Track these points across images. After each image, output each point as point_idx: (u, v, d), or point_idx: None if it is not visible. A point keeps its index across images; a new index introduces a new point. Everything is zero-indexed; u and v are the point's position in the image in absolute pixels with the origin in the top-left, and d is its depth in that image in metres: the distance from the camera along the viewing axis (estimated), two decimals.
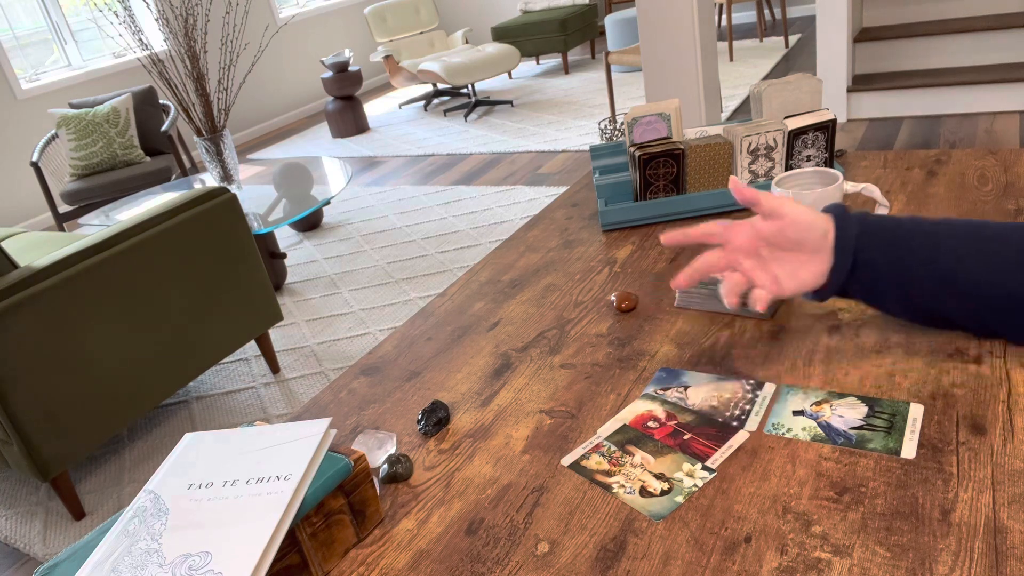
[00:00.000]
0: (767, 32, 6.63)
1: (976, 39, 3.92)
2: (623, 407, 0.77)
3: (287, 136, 6.46)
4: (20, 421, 1.91)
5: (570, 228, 1.23)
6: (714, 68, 3.13)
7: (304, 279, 3.50)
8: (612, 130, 4.17)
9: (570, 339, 0.91)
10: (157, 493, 0.64)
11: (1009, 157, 1.13)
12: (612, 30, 6.21)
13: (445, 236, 3.65)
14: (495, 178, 4.38)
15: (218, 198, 2.36)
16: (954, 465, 0.61)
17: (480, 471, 0.72)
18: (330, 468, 0.64)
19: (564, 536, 0.63)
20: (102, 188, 4.14)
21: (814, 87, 1.14)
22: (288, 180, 3.48)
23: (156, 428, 2.56)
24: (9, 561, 2.08)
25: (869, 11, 4.35)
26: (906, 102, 3.94)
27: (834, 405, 0.71)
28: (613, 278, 1.03)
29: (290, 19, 6.90)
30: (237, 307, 2.44)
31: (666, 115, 1.16)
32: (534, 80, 6.67)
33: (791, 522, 0.59)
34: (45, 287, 1.94)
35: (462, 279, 1.13)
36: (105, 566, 0.58)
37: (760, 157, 1.13)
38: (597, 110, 5.32)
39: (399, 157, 5.21)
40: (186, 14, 5.41)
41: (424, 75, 5.69)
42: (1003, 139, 3.43)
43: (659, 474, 0.67)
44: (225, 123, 3.21)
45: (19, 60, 5.20)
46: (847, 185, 0.93)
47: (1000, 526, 0.55)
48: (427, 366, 0.92)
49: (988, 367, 0.71)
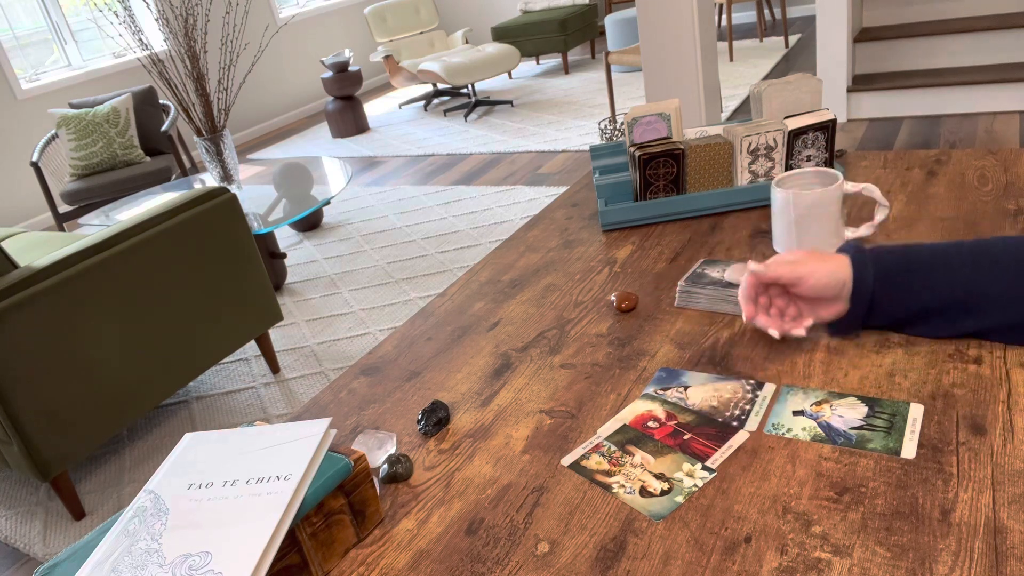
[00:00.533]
0: (767, 32, 6.63)
1: (976, 39, 3.92)
2: (623, 407, 0.77)
3: (287, 136, 6.46)
4: (20, 421, 1.91)
5: (570, 228, 1.23)
6: (714, 68, 3.13)
7: (304, 279, 3.50)
8: (612, 130, 4.17)
9: (570, 339, 0.91)
10: (157, 493, 0.64)
11: (1009, 157, 1.13)
12: (612, 30, 6.21)
13: (445, 236, 3.65)
14: (495, 178, 4.38)
15: (218, 198, 2.36)
16: (954, 465, 0.61)
17: (480, 471, 0.72)
18: (330, 468, 0.64)
19: (564, 536, 0.63)
20: (102, 188, 4.14)
21: (814, 87, 1.14)
22: (288, 180, 3.48)
23: (156, 428, 2.56)
24: (9, 561, 2.08)
25: (869, 11, 4.35)
26: (906, 102, 3.94)
27: (834, 405, 0.71)
28: (613, 278, 1.03)
29: (290, 19, 6.90)
30: (237, 307, 2.45)
31: (666, 115, 1.16)
32: (534, 80, 6.67)
33: (791, 522, 0.59)
34: (45, 287, 1.94)
35: (462, 279, 1.13)
36: (105, 566, 0.58)
37: (760, 157, 1.13)
38: (597, 110, 5.32)
39: (399, 157, 5.21)
40: (186, 14, 5.41)
41: (424, 75, 5.69)
42: (1003, 139, 3.43)
43: (659, 474, 0.67)
44: (225, 123, 3.21)
45: (19, 60, 5.20)
46: (847, 185, 0.93)
47: (1000, 526, 0.55)
48: (427, 366, 0.92)
49: (988, 367, 0.71)
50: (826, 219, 0.93)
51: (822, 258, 0.76)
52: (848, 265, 0.75)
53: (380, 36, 6.36)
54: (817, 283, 0.75)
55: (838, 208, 0.94)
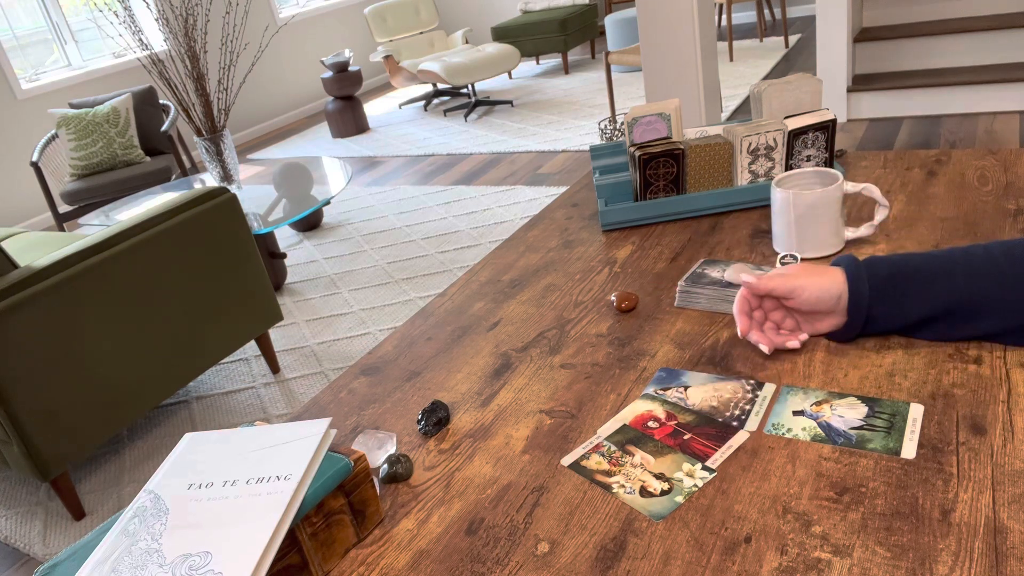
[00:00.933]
0: (767, 32, 6.63)
1: (976, 39, 3.92)
2: (623, 407, 0.77)
3: (287, 136, 6.46)
4: (20, 421, 1.91)
5: (570, 228, 1.23)
6: (714, 68, 3.13)
7: (304, 279, 3.50)
8: (612, 130, 4.17)
9: (570, 339, 0.91)
10: (157, 493, 0.64)
11: (1009, 157, 1.13)
12: (612, 30, 6.21)
13: (445, 236, 3.65)
14: (495, 178, 4.38)
15: (218, 198, 2.36)
16: (954, 465, 0.61)
17: (480, 471, 0.72)
18: (330, 468, 0.64)
19: (564, 536, 0.63)
20: (102, 188, 4.14)
21: (814, 87, 1.14)
22: (288, 180, 3.48)
23: (156, 428, 2.56)
24: (9, 561, 2.08)
25: (869, 11, 4.35)
26: (906, 102, 3.94)
27: (834, 405, 0.71)
28: (613, 278, 1.03)
29: (290, 19, 6.90)
30: (237, 307, 2.45)
31: (666, 115, 1.16)
32: (534, 80, 6.67)
33: (791, 522, 0.59)
34: (45, 287, 1.94)
35: (462, 279, 1.13)
36: (105, 566, 0.58)
37: (760, 157, 1.13)
38: (597, 110, 5.32)
39: (399, 157, 5.21)
40: (186, 14, 5.41)
41: (424, 75, 5.69)
42: (1003, 139, 3.43)
43: (659, 474, 0.67)
44: (225, 123, 3.21)
45: (19, 60, 5.20)
46: (847, 185, 0.93)
47: (1000, 526, 0.55)
48: (427, 366, 0.92)
49: (988, 367, 0.71)
50: (826, 219, 0.93)
51: (816, 272, 0.76)
52: (843, 278, 0.75)
53: (380, 36, 6.36)
54: (810, 296, 0.76)
55: (838, 208, 0.94)
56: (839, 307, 0.76)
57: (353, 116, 5.97)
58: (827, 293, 0.75)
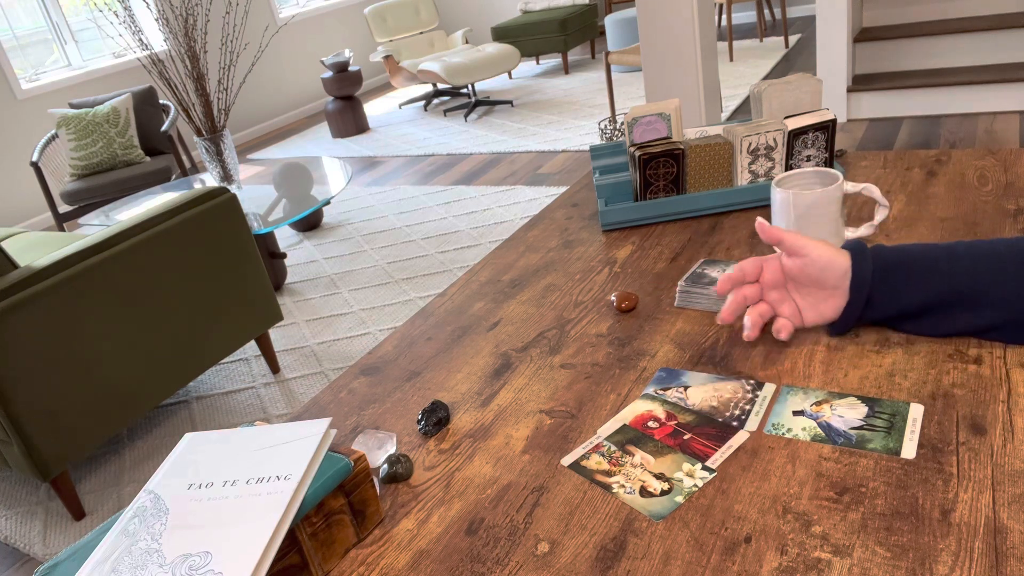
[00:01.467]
0: (767, 32, 6.63)
1: (976, 39, 3.92)
2: (623, 407, 0.77)
3: (287, 136, 6.46)
4: (20, 421, 1.91)
5: (570, 228, 1.23)
6: (714, 68, 3.13)
7: (304, 279, 3.50)
8: (612, 130, 4.17)
9: (570, 339, 0.91)
10: (157, 493, 0.64)
11: (1009, 157, 1.13)
12: (612, 30, 6.21)
13: (445, 236, 3.65)
14: (495, 178, 4.38)
15: (218, 198, 2.36)
16: (954, 465, 0.61)
17: (480, 471, 0.72)
18: (330, 468, 0.64)
19: (564, 536, 0.63)
20: (102, 188, 4.14)
21: (814, 87, 1.14)
22: (288, 180, 3.48)
23: (156, 428, 2.56)
24: (9, 561, 2.08)
25: (869, 11, 4.35)
26: (906, 102, 3.94)
27: (834, 405, 0.71)
28: (613, 278, 1.03)
29: (290, 19, 6.90)
30: (237, 307, 2.44)
31: (666, 115, 1.16)
32: (534, 80, 6.67)
33: (791, 522, 0.59)
34: (45, 287, 1.94)
35: (462, 279, 1.13)
36: (105, 566, 0.58)
37: (760, 157, 1.13)
38: (597, 110, 5.32)
39: (399, 157, 5.21)
40: (186, 14, 5.41)
41: (424, 75, 5.69)
42: (1003, 139, 3.43)
43: (659, 474, 0.67)
44: (225, 123, 3.21)
45: (19, 60, 5.20)
46: (847, 185, 0.93)
47: (1000, 526, 0.55)
48: (427, 366, 0.92)
49: (988, 367, 0.71)
50: (826, 219, 0.93)
51: (826, 244, 0.77)
52: (848, 256, 0.76)
53: (380, 36, 6.36)
54: (820, 258, 0.75)
55: (838, 208, 0.94)
56: (844, 284, 0.76)
57: (353, 116, 5.97)
58: (834, 263, 0.75)
